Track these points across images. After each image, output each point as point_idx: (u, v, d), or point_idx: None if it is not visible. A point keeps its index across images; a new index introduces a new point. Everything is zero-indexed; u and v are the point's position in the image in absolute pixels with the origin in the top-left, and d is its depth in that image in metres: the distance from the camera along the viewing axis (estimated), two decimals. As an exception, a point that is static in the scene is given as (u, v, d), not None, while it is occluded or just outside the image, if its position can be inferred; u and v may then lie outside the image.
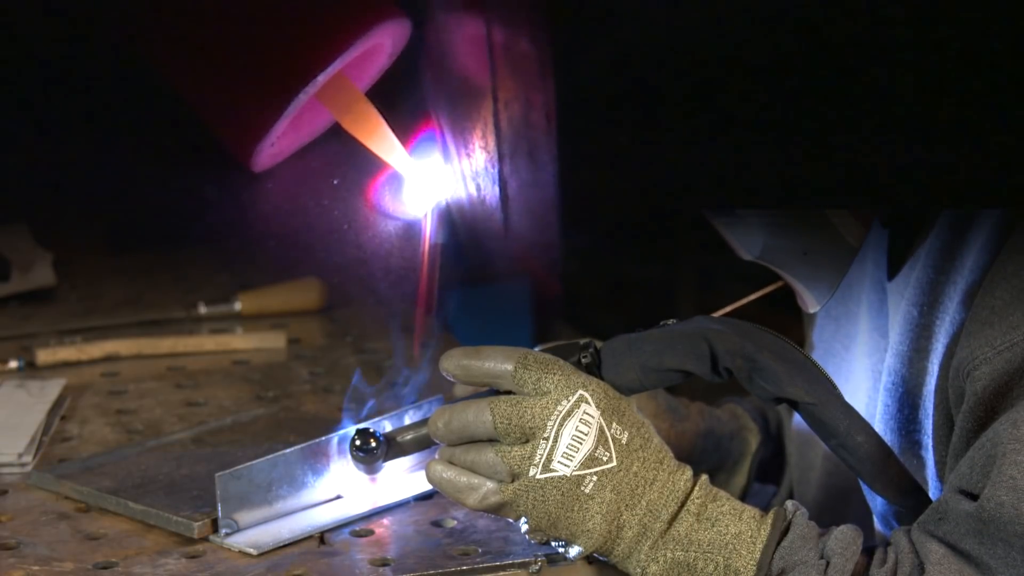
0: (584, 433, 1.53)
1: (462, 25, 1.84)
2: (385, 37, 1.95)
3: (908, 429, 1.68)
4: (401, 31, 1.97)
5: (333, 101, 1.95)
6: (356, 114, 1.96)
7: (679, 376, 1.58)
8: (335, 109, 1.95)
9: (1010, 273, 1.55)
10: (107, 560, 1.64)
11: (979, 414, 1.53)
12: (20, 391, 2.11)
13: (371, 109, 1.96)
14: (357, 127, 1.97)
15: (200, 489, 1.76)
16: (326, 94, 1.93)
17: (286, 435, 1.95)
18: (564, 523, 1.54)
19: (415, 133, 1.99)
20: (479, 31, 1.72)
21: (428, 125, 1.99)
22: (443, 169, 1.95)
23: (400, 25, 1.96)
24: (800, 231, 1.69)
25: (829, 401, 1.57)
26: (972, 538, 1.48)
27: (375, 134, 1.97)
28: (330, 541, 1.69)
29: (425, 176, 1.98)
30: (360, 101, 1.96)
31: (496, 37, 1.67)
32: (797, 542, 1.52)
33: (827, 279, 1.74)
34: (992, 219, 1.61)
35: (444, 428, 1.56)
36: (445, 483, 1.56)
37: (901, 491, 1.60)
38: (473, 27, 1.78)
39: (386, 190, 2.01)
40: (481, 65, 1.71)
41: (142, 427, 2.05)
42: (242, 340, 2.40)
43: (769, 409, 2.08)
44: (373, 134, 1.97)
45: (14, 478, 1.88)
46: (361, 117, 1.96)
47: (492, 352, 1.56)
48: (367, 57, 1.97)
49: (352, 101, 1.96)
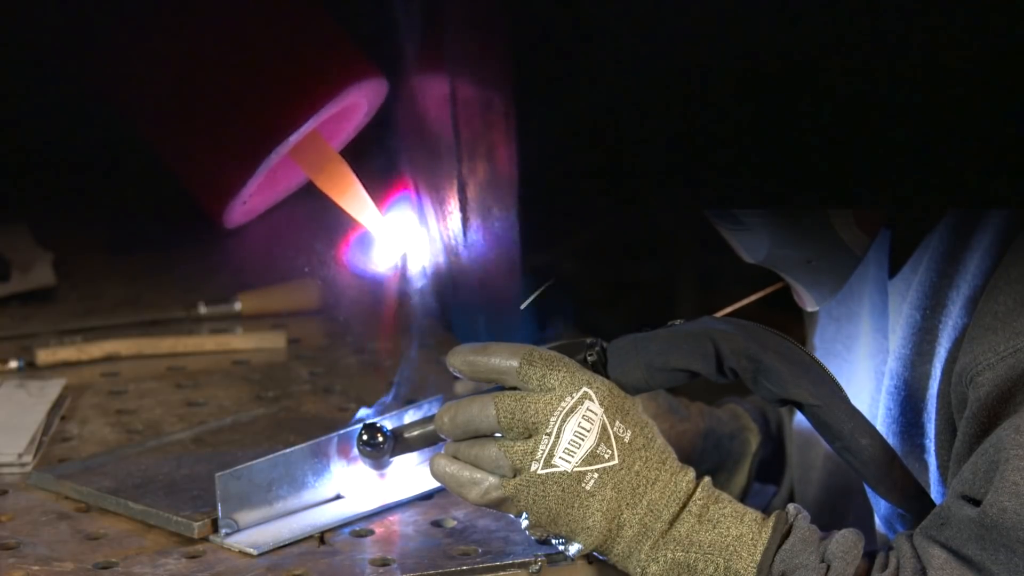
0: (586, 430, 1.53)
1: (431, 85, 1.84)
2: (361, 96, 1.94)
3: (910, 433, 1.68)
4: (377, 90, 1.96)
5: (306, 160, 1.93)
6: (329, 173, 1.95)
7: (685, 376, 1.58)
8: (308, 168, 1.94)
9: (1013, 279, 1.55)
10: (107, 560, 1.64)
11: (982, 420, 1.52)
12: (20, 391, 2.11)
13: (345, 168, 1.95)
14: (330, 186, 1.95)
15: (200, 489, 1.76)
16: (299, 153, 1.92)
17: (286, 435, 1.95)
18: (564, 520, 1.54)
19: (389, 192, 1.99)
20: (445, 91, 1.73)
21: (402, 184, 1.99)
22: (416, 228, 1.96)
23: (376, 84, 1.95)
24: (804, 239, 1.69)
25: (834, 403, 1.57)
26: (974, 543, 1.48)
27: (348, 193, 1.96)
28: (330, 541, 1.69)
29: (398, 234, 1.97)
30: (334, 160, 1.95)
31: (460, 97, 1.68)
32: (798, 545, 1.52)
33: (829, 284, 1.74)
34: (995, 223, 1.61)
35: (450, 423, 1.57)
36: (448, 477, 1.57)
37: (905, 494, 1.60)
38: (440, 87, 1.78)
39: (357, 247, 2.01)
40: (447, 125, 1.72)
41: (142, 427, 2.05)
42: (242, 340, 2.40)
43: (770, 409, 2.08)
44: (346, 193, 1.96)
45: (14, 478, 1.88)
46: (334, 176, 1.95)
47: (498, 348, 1.56)
48: (343, 115, 1.96)
49: (326, 160, 1.94)
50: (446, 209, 1.80)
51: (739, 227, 1.69)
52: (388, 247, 1.98)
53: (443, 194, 1.81)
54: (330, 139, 1.96)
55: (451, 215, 1.77)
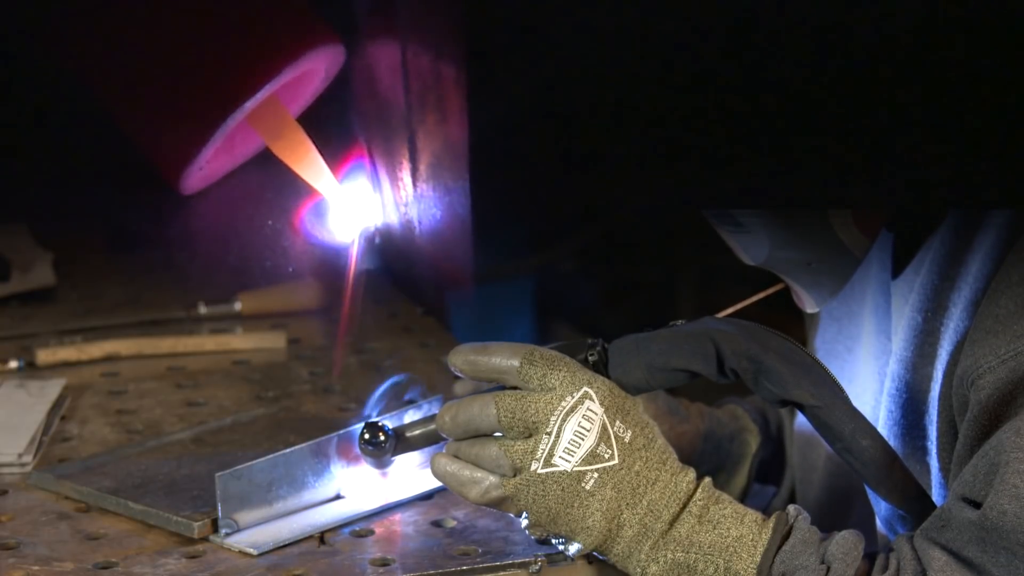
0: (586, 429, 1.53)
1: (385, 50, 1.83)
2: (319, 62, 1.93)
3: (912, 435, 1.68)
4: (335, 56, 1.95)
5: (263, 125, 1.92)
6: (286, 139, 1.94)
7: (686, 376, 1.58)
8: (265, 134, 1.93)
9: (1015, 282, 1.55)
10: (107, 560, 1.64)
11: (983, 423, 1.52)
12: (20, 391, 2.11)
13: (301, 134, 1.94)
14: (286, 152, 1.95)
15: (200, 489, 1.76)
16: (257, 118, 1.91)
17: (286, 435, 1.95)
18: (564, 519, 1.54)
19: (345, 159, 1.98)
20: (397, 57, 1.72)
21: (358, 150, 1.98)
22: (372, 195, 1.95)
23: (334, 50, 1.94)
24: (804, 242, 1.70)
25: (835, 404, 1.57)
26: (974, 546, 1.48)
27: (304, 160, 1.95)
28: (330, 541, 1.69)
29: (353, 202, 1.96)
30: (290, 126, 1.94)
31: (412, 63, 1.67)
32: (798, 546, 1.52)
33: (829, 286, 1.74)
34: (997, 225, 1.61)
35: (451, 422, 1.57)
36: (449, 476, 1.57)
37: (906, 496, 1.60)
38: (393, 53, 1.77)
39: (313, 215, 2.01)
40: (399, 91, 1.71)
41: (142, 427, 2.05)
42: (242, 340, 2.39)
43: (769, 410, 2.08)
44: (302, 160, 1.95)
45: (14, 478, 1.88)
46: (291, 142, 1.94)
47: (499, 348, 1.56)
48: (300, 81, 1.95)
49: (282, 126, 1.93)
50: (399, 177, 1.78)
51: (739, 229, 1.69)
52: (344, 215, 1.97)
53: (396, 161, 1.80)
54: (287, 105, 1.95)
55: (404, 183, 1.76)
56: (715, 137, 1.44)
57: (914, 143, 1.43)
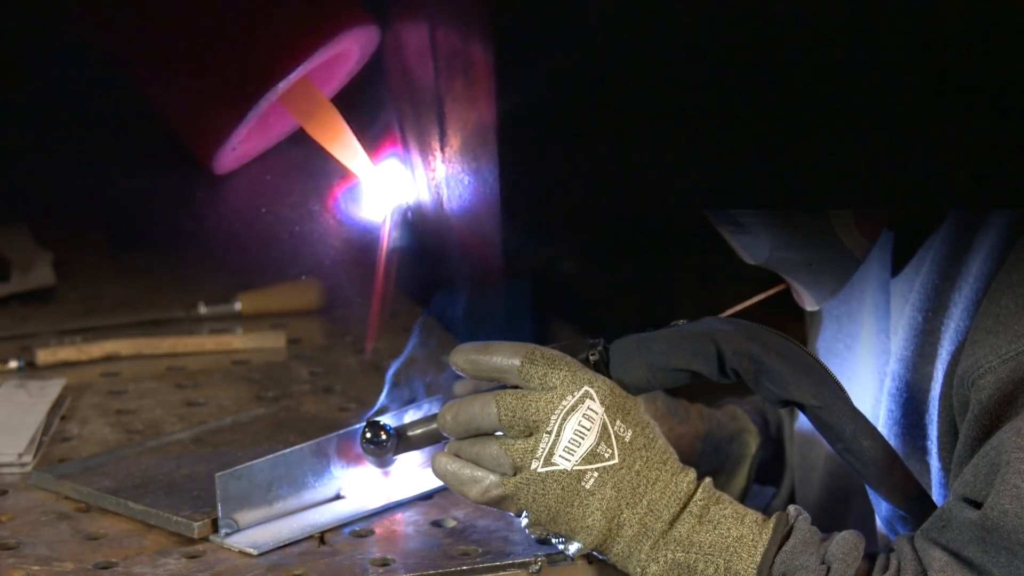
0: (587, 429, 1.53)
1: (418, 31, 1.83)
2: (352, 43, 1.93)
3: (912, 435, 1.68)
4: (369, 37, 1.95)
5: (297, 106, 1.92)
6: (320, 119, 1.94)
7: (687, 376, 1.58)
8: (299, 114, 1.93)
9: (1015, 282, 1.55)
10: (107, 560, 1.64)
11: (984, 423, 1.52)
12: (20, 391, 2.11)
13: (335, 115, 1.94)
14: (320, 132, 1.94)
15: (200, 489, 1.76)
16: (290, 99, 1.90)
17: (286, 435, 1.95)
18: (564, 518, 1.53)
19: (379, 139, 1.98)
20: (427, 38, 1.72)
21: (392, 131, 1.98)
22: (404, 175, 1.95)
23: (368, 31, 1.94)
24: (804, 243, 1.70)
25: (836, 404, 1.56)
26: (975, 546, 1.47)
27: (338, 140, 1.95)
28: (330, 541, 1.69)
29: (387, 182, 1.96)
30: (324, 107, 1.94)
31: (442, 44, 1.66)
32: (799, 547, 1.52)
33: (830, 286, 1.75)
34: (997, 225, 1.61)
35: (452, 421, 1.57)
36: (449, 475, 1.57)
37: (906, 496, 1.60)
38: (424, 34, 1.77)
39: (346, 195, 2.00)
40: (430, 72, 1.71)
41: (142, 427, 2.05)
42: (242, 340, 2.40)
43: (769, 410, 2.08)
44: (336, 140, 1.95)
45: (14, 478, 1.88)
46: (325, 123, 1.94)
47: (500, 347, 1.56)
48: (334, 62, 1.95)
49: (316, 106, 1.93)
50: (430, 158, 1.78)
51: (740, 230, 1.69)
52: (378, 195, 1.97)
53: (427, 142, 1.79)
54: (321, 86, 1.95)
55: (435, 164, 1.76)
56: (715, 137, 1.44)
57: (915, 143, 1.43)
